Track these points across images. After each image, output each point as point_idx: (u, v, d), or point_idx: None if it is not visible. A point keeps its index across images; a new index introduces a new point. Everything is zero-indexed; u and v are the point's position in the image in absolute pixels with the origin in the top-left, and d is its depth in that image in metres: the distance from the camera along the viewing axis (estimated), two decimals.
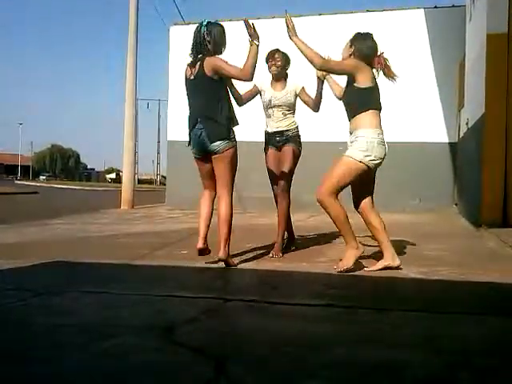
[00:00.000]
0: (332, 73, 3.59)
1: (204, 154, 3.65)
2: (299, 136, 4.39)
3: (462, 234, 5.69)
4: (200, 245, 3.64)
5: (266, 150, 4.48)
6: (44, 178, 67.66)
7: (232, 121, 3.65)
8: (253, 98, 4.45)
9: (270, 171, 4.42)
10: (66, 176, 75.12)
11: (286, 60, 4.44)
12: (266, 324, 2.16)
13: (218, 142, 3.54)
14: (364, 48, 3.39)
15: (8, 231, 6.06)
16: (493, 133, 5.82)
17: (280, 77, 4.40)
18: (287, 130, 4.33)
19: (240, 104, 4.30)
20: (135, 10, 11.57)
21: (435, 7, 9.86)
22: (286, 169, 4.24)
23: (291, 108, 4.36)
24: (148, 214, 9.29)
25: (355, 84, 3.31)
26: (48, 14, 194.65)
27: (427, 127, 9.48)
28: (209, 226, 3.75)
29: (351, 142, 3.33)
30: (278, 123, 4.35)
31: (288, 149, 4.29)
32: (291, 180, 4.29)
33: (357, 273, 3.32)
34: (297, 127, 4.38)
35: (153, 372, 1.62)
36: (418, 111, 9.39)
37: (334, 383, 1.54)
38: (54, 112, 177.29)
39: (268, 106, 4.40)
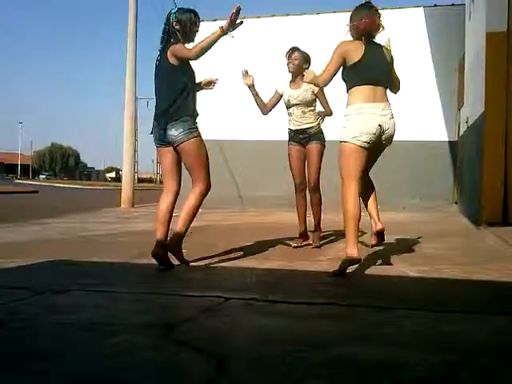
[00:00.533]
0: (335, 75, 3.35)
1: (164, 144, 3.50)
2: (322, 131, 4.49)
3: (463, 233, 5.70)
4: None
5: (289, 145, 4.60)
6: (44, 176, 67.66)
7: (193, 112, 3.49)
8: (277, 103, 4.59)
9: (292, 166, 4.57)
10: (66, 175, 75.13)
11: (305, 59, 4.49)
12: (267, 322, 2.16)
13: (177, 132, 3.37)
14: (353, 22, 3.29)
15: (8, 230, 6.06)
16: (492, 131, 5.82)
17: (297, 75, 4.47)
18: (309, 128, 4.43)
19: (265, 112, 4.51)
20: (134, 7, 11.56)
21: (435, 6, 9.86)
22: (314, 167, 4.41)
23: (310, 105, 4.44)
24: (148, 213, 9.29)
25: (346, 64, 3.25)
26: (49, 14, 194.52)
27: (427, 125, 9.48)
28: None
29: None
30: (299, 121, 4.45)
31: (313, 146, 4.42)
32: (319, 176, 4.46)
33: (356, 271, 3.33)
34: (318, 124, 4.47)
35: (154, 371, 1.63)
36: (417, 110, 9.40)
37: (335, 382, 1.54)
38: (54, 111, 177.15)
39: (288, 106, 4.51)
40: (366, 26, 3.23)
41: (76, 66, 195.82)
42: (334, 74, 3.31)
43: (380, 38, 3.36)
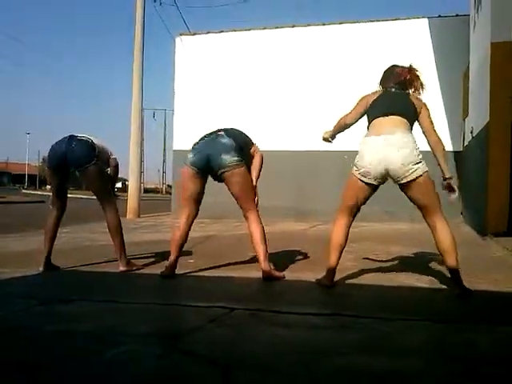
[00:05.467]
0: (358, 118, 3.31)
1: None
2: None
3: (468, 243, 5.67)
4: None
5: None
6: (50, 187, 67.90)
7: None
8: None
9: None
10: (73, 185, 75.27)
11: None
12: (272, 333, 2.17)
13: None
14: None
15: (15, 240, 6.10)
16: (497, 141, 5.82)
17: None
18: None
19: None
20: (141, 21, 11.69)
21: (439, 16, 9.91)
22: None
23: None
24: (154, 223, 9.32)
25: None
26: (57, 25, 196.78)
27: None
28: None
29: None
30: None
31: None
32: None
33: (361, 282, 3.33)
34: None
35: (159, 380, 1.64)
36: None
37: None
38: (62, 121, 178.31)
39: None
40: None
41: (83, 76, 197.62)
42: (358, 117, 3.27)
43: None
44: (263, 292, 3.23)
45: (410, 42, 9.79)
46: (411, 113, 3.13)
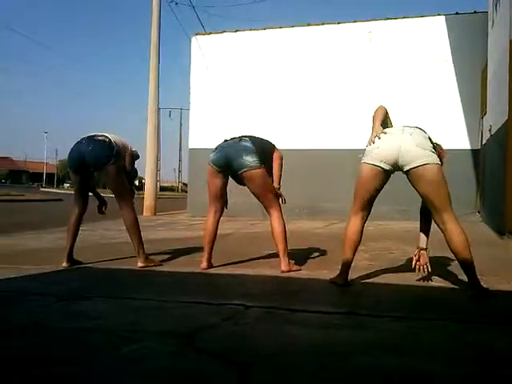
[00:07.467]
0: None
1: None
2: None
3: (486, 243, 5.60)
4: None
5: None
6: (68, 185, 68.72)
7: None
8: None
9: None
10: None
11: None
12: (287, 331, 2.17)
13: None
14: None
15: (33, 237, 6.18)
16: None
17: None
18: None
19: None
20: (157, 21, 11.76)
21: (457, 14, 9.79)
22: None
23: None
24: (170, 221, 9.38)
25: None
26: (75, 27, 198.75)
27: (449, 134, 9.36)
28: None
29: None
30: None
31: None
32: None
33: (377, 281, 3.31)
34: None
35: (174, 378, 1.64)
36: (440, 118, 9.31)
37: None
38: (78, 120, 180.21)
39: None
40: None
41: (101, 76, 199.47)
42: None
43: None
44: (278, 290, 3.23)
45: (428, 40, 9.70)
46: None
